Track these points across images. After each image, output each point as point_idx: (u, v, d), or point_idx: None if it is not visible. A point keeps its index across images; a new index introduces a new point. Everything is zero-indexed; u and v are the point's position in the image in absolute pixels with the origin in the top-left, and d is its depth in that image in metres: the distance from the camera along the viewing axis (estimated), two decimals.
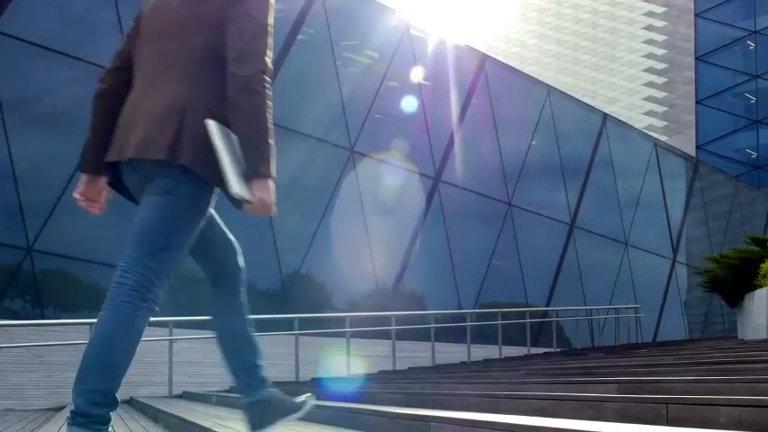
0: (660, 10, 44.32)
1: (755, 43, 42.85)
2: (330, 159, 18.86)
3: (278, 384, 3.67)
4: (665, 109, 42.79)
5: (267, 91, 3.20)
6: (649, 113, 42.88)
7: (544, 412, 4.57)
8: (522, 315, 19.46)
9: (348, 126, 19.21)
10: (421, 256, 20.09)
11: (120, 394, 3.10)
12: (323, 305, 18.42)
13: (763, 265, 15.79)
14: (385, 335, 15.95)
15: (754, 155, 41.70)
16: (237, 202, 3.14)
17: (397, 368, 14.97)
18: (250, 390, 3.53)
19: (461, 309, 19.79)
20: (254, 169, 3.15)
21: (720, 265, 17.06)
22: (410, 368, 14.93)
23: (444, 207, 20.95)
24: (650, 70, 43.70)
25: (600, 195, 25.95)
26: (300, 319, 14.10)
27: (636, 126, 34.32)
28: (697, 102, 42.53)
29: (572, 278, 23.95)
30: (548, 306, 22.67)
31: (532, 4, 46.38)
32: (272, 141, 3.21)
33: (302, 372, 13.57)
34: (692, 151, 39.05)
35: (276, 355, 14.37)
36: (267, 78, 3.22)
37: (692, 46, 43.36)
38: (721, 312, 27.56)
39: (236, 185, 3.08)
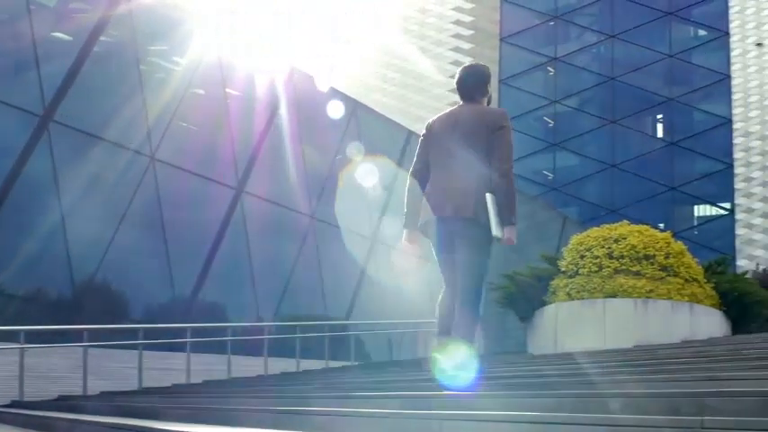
0: (467, 33, 45.49)
1: (555, 69, 44.60)
2: (130, 166, 18.34)
3: (65, 398, 3.47)
4: None
5: (512, 176, 5.98)
6: None
7: (323, 429, 4.52)
8: (321, 328, 19.44)
9: (150, 133, 18.74)
10: (221, 267, 19.80)
11: None
12: (118, 316, 17.87)
13: (552, 282, 16.37)
14: (181, 347, 15.59)
15: (551, 176, 43.34)
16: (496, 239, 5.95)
17: (192, 381, 14.65)
18: None
19: (260, 321, 19.61)
20: (507, 221, 5.95)
21: (513, 282, 17.54)
22: (205, 381, 14.64)
23: (246, 218, 20.74)
24: (456, 91, 44.72)
25: (401, 211, 26.27)
26: (90, 330, 13.58)
27: None
28: None
29: (372, 291, 24.14)
30: (347, 319, 22.76)
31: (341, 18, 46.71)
32: (516, 204, 6.01)
33: (91, 385, 13.07)
34: None
35: (64, 368, 13.84)
36: (512, 170, 5.99)
37: (496, 69, 44.72)
38: (515, 328, 28.36)
39: (496, 230, 5.93)
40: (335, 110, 24.26)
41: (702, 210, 42.39)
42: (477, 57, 44.86)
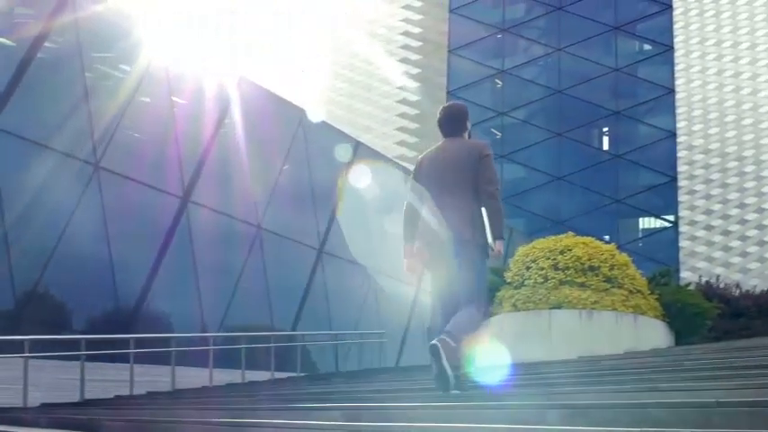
0: (416, 44, 45.65)
1: (503, 82, 44.92)
2: (73, 174, 18.09)
3: (4, 410, 3.39)
4: (416, 140, 44.01)
5: (499, 197, 6.91)
6: (402, 143, 43.98)
7: None
8: (267, 339, 19.31)
9: (94, 141, 18.50)
10: (166, 278, 19.59)
11: None
12: (61, 326, 17.60)
13: (498, 293, 16.44)
14: (124, 358, 15.38)
15: (499, 187, 43.63)
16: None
17: (135, 392, 14.46)
18: None
19: (206, 332, 19.43)
20: (497, 235, 6.92)
21: None
22: (149, 393, 14.46)
23: (192, 228, 20.55)
24: (404, 102, 44.87)
25: (349, 222, 26.25)
26: (31, 341, 13.35)
27: (388, 155, 35.07)
28: None
29: (319, 303, 24.07)
30: (294, 330, 22.64)
31: (284, 30, 46.64)
32: (504, 220, 6.91)
33: (32, 397, 12.82)
34: None
35: (4, 380, 13.57)
36: (498, 190, 6.93)
37: (444, 81, 44.92)
38: None
39: (491, 242, 6.80)
40: (281, 118, 24.18)
41: (647, 222, 42.91)
42: (426, 68, 45.07)
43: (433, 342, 6.56)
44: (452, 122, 7.36)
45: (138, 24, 20.40)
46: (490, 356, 6.94)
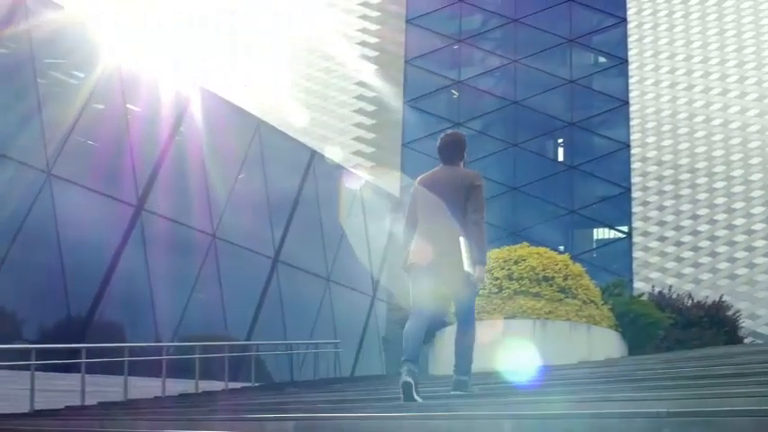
0: (372, 54, 45.68)
1: (459, 92, 45.06)
2: (25, 181, 17.87)
3: None
4: (372, 150, 44.02)
5: (483, 225, 7.35)
6: (358, 153, 43.95)
7: None
8: (221, 349, 19.17)
9: (46, 148, 18.29)
10: (119, 286, 19.41)
11: None
12: (11, 335, 17.36)
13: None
14: (76, 368, 15.20)
15: None
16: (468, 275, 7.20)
17: (87, 403, 14.28)
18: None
19: (159, 341, 19.27)
20: (478, 260, 7.26)
21: None
22: (100, 403, 14.29)
23: (146, 236, 20.38)
24: (360, 111, 44.86)
25: (305, 230, 26.20)
26: None
27: (345, 165, 35.05)
28: (403, 144, 44.07)
29: (274, 312, 23.97)
30: (248, 340, 22.52)
31: (243, 39, 46.48)
32: (485, 247, 7.40)
33: None
34: (396, 191, 40.36)
35: None
36: (483, 220, 7.38)
37: (400, 90, 44.95)
38: None
39: (468, 267, 7.14)
40: (237, 127, 24.08)
41: (601, 233, 43.17)
42: (382, 78, 45.11)
43: (405, 379, 6.97)
44: (451, 151, 8.07)
45: (93, 31, 20.22)
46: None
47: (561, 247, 38.07)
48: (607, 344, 15.87)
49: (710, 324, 24.68)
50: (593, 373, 9.49)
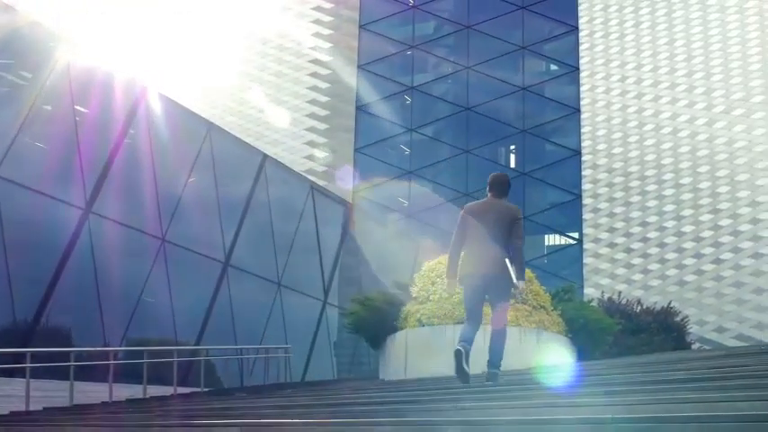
0: (326, 59, 45.62)
1: (412, 98, 45.12)
2: None
3: None
4: (325, 154, 43.94)
5: (522, 250, 9.11)
6: (310, 157, 43.85)
7: None
8: (170, 353, 18.97)
9: None
10: (66, 290, 19.14)
11: None
12: None
13: (403, 308, 16.41)
14: (20, 372, 14.95)
15: (407, 203, 43.73)
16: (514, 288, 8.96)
17: (32, 408, 14.04)
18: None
19: (107, 346, 19.03)
20: (520, 276, 9.02)
21: (365, 308, 17.51)
22: (45, 408, 14.06)
23: (94, 239, 20.12)
24: (313, 116, 44.74)
25: (256, 235, 26.04)
26: None
27: (297, 169, 34.95)
28: (356, 149, 44.05)
29: (224, 317, 23.78)
30: (198, 344, 22.32)
31: (196, 41, 46.18)
32: (524, 266, 9.15)
33: None
34: (348, 196, 40.31)
35: None
36: (523, 244, 9.19)
37: (353, 96, 44.93)
38: (368, 353, 28.44)
39: (515, 280, 8.91)
40: (188, 130, 23.89)
41: (552, 239, 43.45)
42: (336, 83, 45.06)
43: (458, 348, 9.07)
44: (499, 188, 9.78)
45: (43, 32, 19.96)
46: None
47: None
48: (557, 349, 15.90)
49: (659, 330, 24.93)
50: (541, 379, 9.50)
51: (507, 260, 9.09)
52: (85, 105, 20.74)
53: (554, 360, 15.35)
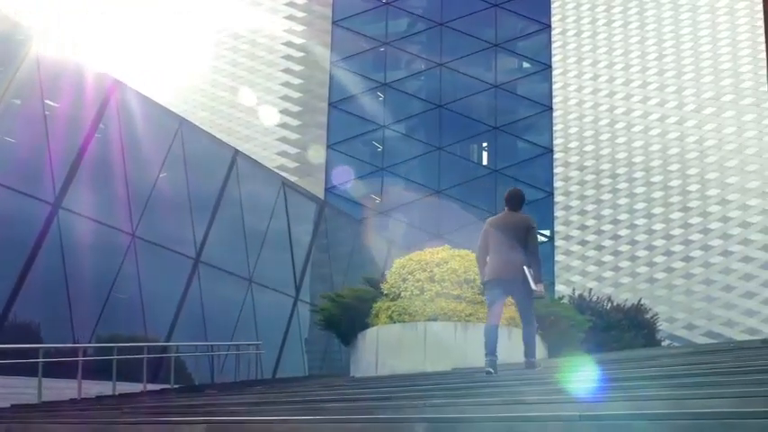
0: (298, 54, 45.49)
1: (385, 95, 45.09)
2: None
3: None
4: (297, 151, 43.83)
5: (540, 255, 10.82)
6: (282, 154, 43.71)
7: None
8: (140, 350, 18.86)
9: None
10: (35, 286, 18.96)
11: None
12: None
13: (374, 305, 16.41)
14: None
15: (379, 200, 43.72)
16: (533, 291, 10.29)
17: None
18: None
19: (77, 342, 18.87)
20: (537, 280, 10.46)
21: (336, 304, 17.49)
22: (13, 405, 13.94)
23: (63, 235, 19.95)
24: (285, 112, 44.61)
25: (227, 231, 25.92)
26: None
27: (269, 165, 34.82)
28: (328, 146, 43.98)
29: (195, 313, 23.66)
30: (169, 341, 22.20)
31: (167, 37, 45.92)
32: (541, 271, 10.64)
33: None
34: (320, 193, 40.24)
35: None
36: (539, 252, 10.84)
37: (326, 92, 44.83)
38: (339, 350, 28.41)
39: (533, 286, 10.37)
40: (159, 125, 23.74)
41: None
42: (308, 79, 44.96)
43: (488, 369, 10.11)
44: (515, 202, 11.13)
45: (10, 24, 19.77)
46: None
47: None
48: None
49: (629, 327, 25.04)
50: (512, 376, 9.52)
51: (525, 267, 10.53)
52: (55, 99, 20.56)
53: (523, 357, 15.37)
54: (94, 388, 16.32)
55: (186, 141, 24.47)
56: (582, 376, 7.49)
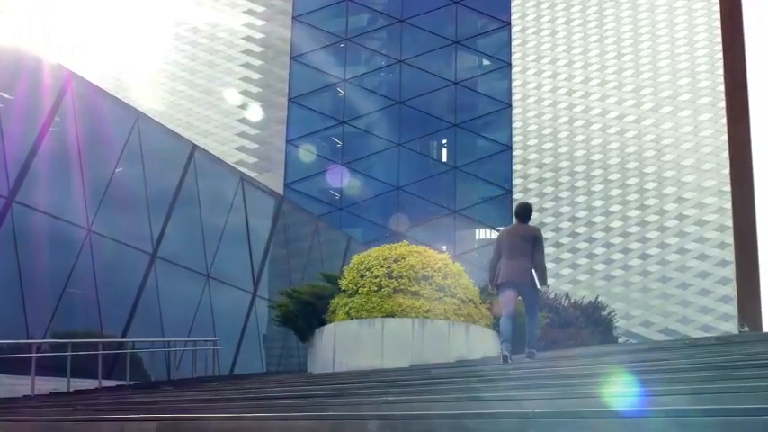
0: (258, 49, 45.29)
1: (344, 91, 45.03)
2: None
3: None
4: (256, 146, 43.65)
5: (545, 262, 12.89)
6: (242, 149, 43.52)
7: None
8: (95, 346, 18.63)
9: None
10: None
11: None
12: None
13: (332, 301, 16.34)
14: None
15: (338, 196, 43.65)
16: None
17: None
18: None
19: (31, 338, 18.62)
20: (542, 281, 12.51)
21: (293, 300, 17.39)
22: None
23: (17, 229, 19.67)
24: (244, 107, 44.44)
25: (184, 226, 25.70)
26: None
27: (228, 161, 34.62)
28: (288, 141, 43.85)
29: (151, 309, 23.45)
30: (124, 337, 21.98)
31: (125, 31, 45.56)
32: (546, 275, 12.71)
33: None
34: (280, 189, 40.10)
35: None
36: (545, 259, 12.85)
37: (285, 87, 44.70)
38: (297, 346, 28.32)
39: (539, 286, 12.47)
40: (115, 119, 23.49)
41: (482, 233, 43.72)
42: (267, 74, 44.77)
43: (505, 353, 11.81)
44: (524, 214, 12.89)
45: None
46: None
47: (444, 247, 38.37)
48: (485, 342, 15.99)
49: (586, 324, 25.20)
50: (468, 372, 9.51)
51: (533, 270, 12.33)
52: (8, 92, 20.27)
53: (481, 353, 15.42)
54: (49, 384, 16.12)
55: (144, 136, 24.23)
56: (539, 373, 7.48)
